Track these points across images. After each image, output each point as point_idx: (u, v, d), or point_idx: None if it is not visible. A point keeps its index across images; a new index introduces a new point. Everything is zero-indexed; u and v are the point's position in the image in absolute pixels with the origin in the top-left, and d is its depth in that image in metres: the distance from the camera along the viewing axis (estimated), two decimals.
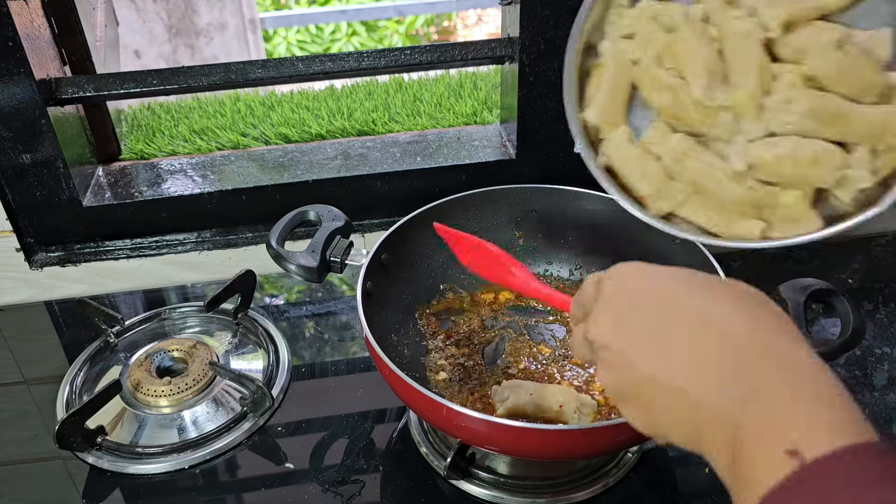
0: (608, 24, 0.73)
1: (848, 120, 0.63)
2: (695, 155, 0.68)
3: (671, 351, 0.44)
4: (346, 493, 0.80)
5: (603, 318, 0.47)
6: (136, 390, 0.89)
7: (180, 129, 1.19)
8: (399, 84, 1.29)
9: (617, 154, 0.72)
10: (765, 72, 0.65)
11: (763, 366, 0.41)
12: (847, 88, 0.63)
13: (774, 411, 0.40)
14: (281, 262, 0.81)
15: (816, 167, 0.63)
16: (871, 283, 1.07)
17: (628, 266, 0.49)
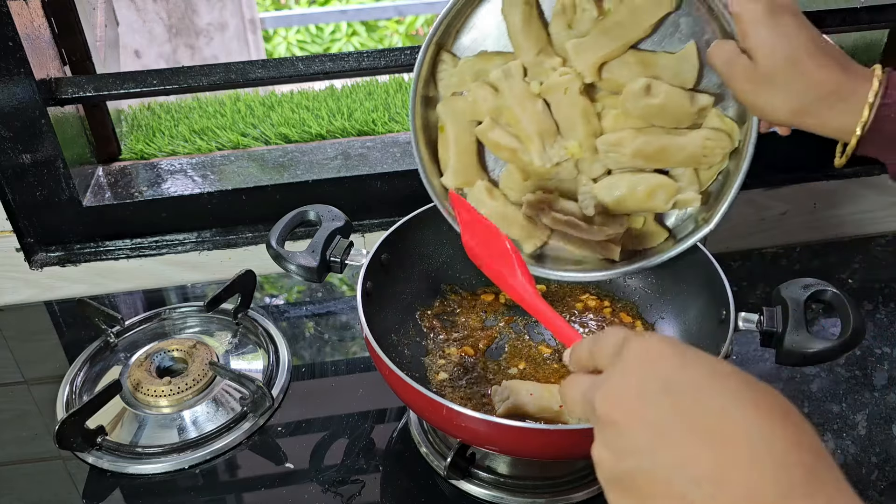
0: (439, 80, 0.80)
1: (670, 153, 0.75)
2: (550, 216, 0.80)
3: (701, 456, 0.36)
4: (346, 493, 0.80)
5: (621, 390, 0.40)
6: (136, 390, 0.89)
7: (180, 129, 1.19)
8: (399, 84, 1.29)
9: (479, 207, 0.80)
10: (590, 117, 0.76)
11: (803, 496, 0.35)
12: (664, 122, 0.74)
13: None
14: (281, 262, 0.81)
15: (652, 199, 0.76)
16: (871, 283, 1.07)
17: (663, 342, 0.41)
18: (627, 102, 0.72)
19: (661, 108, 0.72)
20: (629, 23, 0.71)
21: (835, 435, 0.86)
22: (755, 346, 0.94)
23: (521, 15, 0.74)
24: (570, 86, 0.73)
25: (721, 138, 0.73)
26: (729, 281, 0.78)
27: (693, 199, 0.76)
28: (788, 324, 0.72)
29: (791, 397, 0.92)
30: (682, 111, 0.73)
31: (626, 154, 0.74)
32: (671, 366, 0.40)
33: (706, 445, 0.36)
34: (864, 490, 0.80)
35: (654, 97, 0.71)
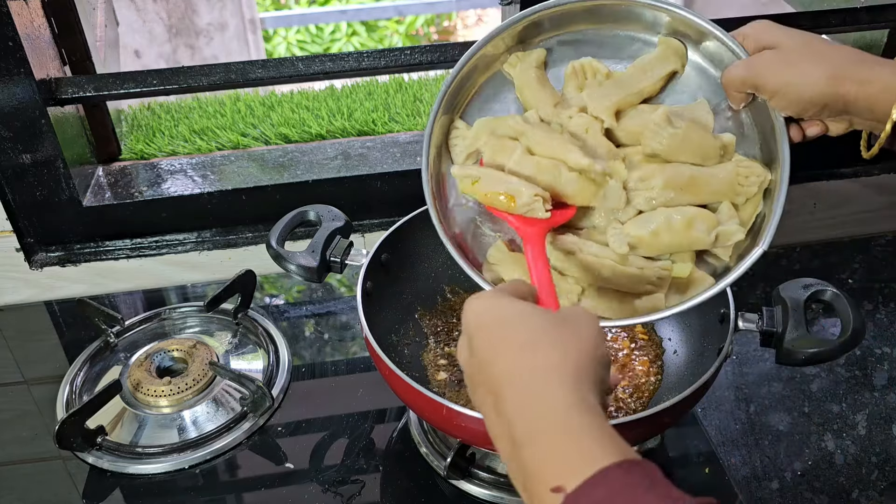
0: (452, 147, 0.76)
1: (701, 183, 0.69)
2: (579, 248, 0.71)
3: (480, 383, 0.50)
4: (346, 493, 0.80)
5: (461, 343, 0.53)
6: (136, 390, 0.89)
7: (180, 129, 1.19)
8: (399, 84, 1.29)
9: (503, 267, 0.74)
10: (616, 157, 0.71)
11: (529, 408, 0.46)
12: (690, 157, 0.69)
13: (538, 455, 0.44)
14: (281, 262, 0.81)
15: (692, 231, 0.68)
16: (871, 283, 1.07)
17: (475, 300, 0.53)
18: (649, 134, 0.69)
19: (684, 141, 0.68)
20: (639, 76, 0.72)
21: (835, 435, 0.86)
22: (755, 346, 0.94)
23: (535, 76, 0.74)
24: (591, 126, 0.71)
25: (754, 166, 0.69)
26: None
27: (736, 230, 0.68)
28: (788, 324, 0.72)
29: (791, 397, 0.93)
30: (707, 145, 0.69)
31: (656, 187, 0.68)
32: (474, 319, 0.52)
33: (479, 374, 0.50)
34: (864, 490, 0.80)
35: (676, 126, 0.68)
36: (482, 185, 0.70)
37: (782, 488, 0.80)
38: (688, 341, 0.86)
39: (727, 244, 0.69)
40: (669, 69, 0.72)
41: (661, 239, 0.69)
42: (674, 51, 0.72)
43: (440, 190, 0.76)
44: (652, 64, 0.72)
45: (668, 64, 0.72)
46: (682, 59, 0.72)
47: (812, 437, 0.85)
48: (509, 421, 0.46)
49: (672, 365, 0.86)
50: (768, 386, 0.92)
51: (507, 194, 0.68)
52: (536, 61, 0.75)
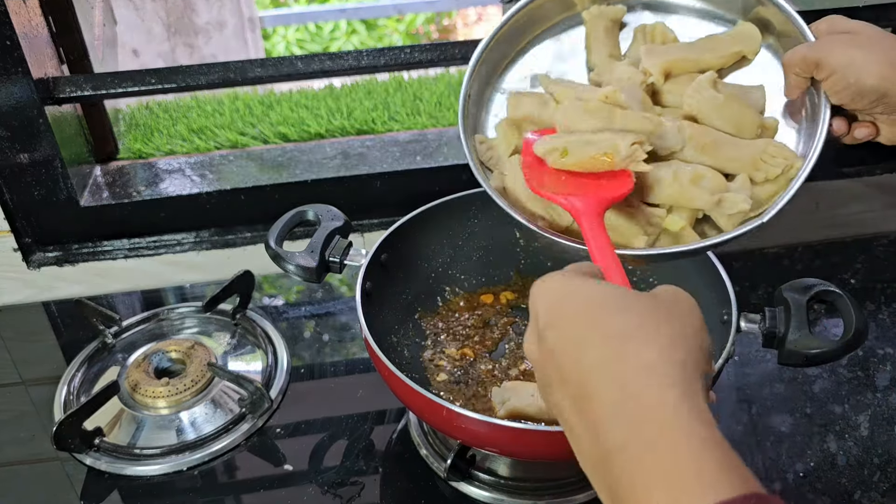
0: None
1: (725, 150, 0.68)
2: None
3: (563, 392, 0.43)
4: (346, 494, 0.80)
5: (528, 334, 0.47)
6: (134, 391, 0.88)
7: (178, 128, 1.19)
8: (399, 83, 1.29)
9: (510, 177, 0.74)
10: (647, 109, 0.71)
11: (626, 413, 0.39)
12: (724, 124, 0.69)
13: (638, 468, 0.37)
14: (280, 263, 0.81)
15: (696, 188, 0.67)
16: (874, 283, 1.07)
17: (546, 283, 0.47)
18: (690, 91, 0.68)
19: (722, 108, 0.68)
20: (706, 48, 0.72)
21: (837, 436, 0.85)
22: (757, 347, 0.94)
23: (603, 26, 0.76)
24: (633, 76, 0.71)
25: (784, 149, 0.67)
26: (731, 281, 0.78)
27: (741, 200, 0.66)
28: (790, 324, 0.72)
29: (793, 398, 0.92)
30: (746, 118, 0.68)
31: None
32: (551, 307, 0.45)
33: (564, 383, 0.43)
34: (866, 491, 0.79)
35: (718, 92, 0.68)
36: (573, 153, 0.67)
37: (784, 490, 0.80)
38: None
39: (730, 212, 0.67)
40: (737, 49, 0.71)
41: (663, 187, 0.67)
42: (748, 34, 0.71)
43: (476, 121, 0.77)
44: (721, 40, 0.72)
45: (737, 45, 0.71)
46: (754, 45, 0.72)
47: (814, 439, 0.85)
48: (597, 426, 0.40)
49: None
50: (770, 387, 0.91)
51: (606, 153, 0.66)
52: (613, 15, 0.76)
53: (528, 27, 0.78)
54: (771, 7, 0.69)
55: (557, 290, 0.45)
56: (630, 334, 0.41)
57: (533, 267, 0.97)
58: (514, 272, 0.97)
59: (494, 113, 0.78)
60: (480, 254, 0.96)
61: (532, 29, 0.78)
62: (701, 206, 0.68)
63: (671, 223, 0.69)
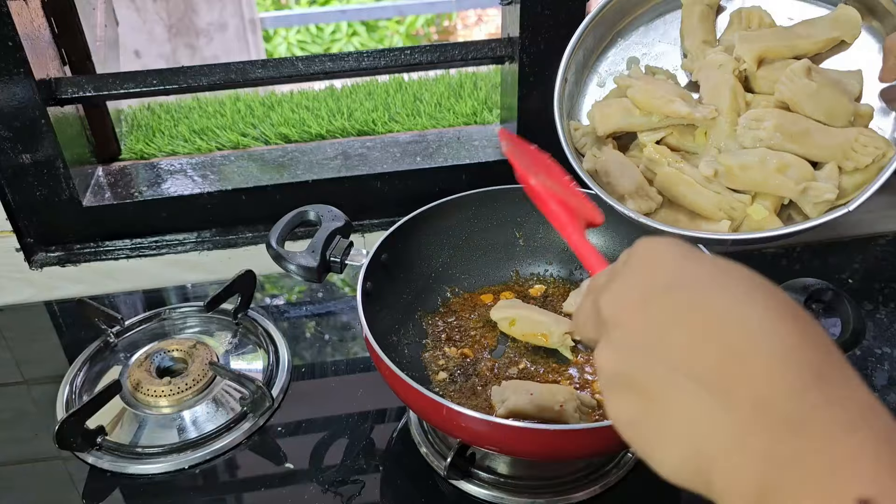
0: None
1: (815, 138, 0.67)
2: (666, 160, 0.72)
3: (706, 352, 0.34)
4: (346, 493, 0.80)
5: (626, 291, 0.39)
6: (135, 390, 0.89)
7: (180, 129, 1.19)
8: (399, 84, 1.29)
9: (602, 160, 0.75)
10: (738, 95, 0.71)
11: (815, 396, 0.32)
12: (816, 112, 0.68)
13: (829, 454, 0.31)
14: (281, 263, 0.81)
15: (782, 176, 0.66)
16: (872, 283, 1.07)
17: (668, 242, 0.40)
18: (783, 79, 0.68)
19: (815, 96, 0.66)
20: (802, 34, 0.71)
21: None
22: None
23: (699, 10, 0.76)
24: (726, 63, 0.71)
25: (876, 138, 0.66)
26: None
27: (827, 189, 0.65)
28: None
29: None
30: (839, 106, 0.67)
31: (766, 129, 0.67)
32: (675, 264, 0.38)
33: (709, 342, 0.34)
34: None
35: (811, 80, 0.67)
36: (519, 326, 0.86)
37: None
38: None
39: (816, 200, 0.66)
40: (835, 34, 0.70)
41: (748, 174, 0.67)
42: (847, 19, 0.70)
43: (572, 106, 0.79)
44: (819, 25, 0.71)
45: (834, 29, 0.70)
46: (853, 28, 0.70)
47: None
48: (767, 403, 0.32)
49: None
50: None
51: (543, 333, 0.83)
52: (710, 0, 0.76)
53: (625, 10, 0.78)
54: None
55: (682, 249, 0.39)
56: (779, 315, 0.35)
57: (533, 267, 0.98)
58: (514, 272, 0.98)
59: (592, 96, 0.79)
60: (480, 254, 0.97)
61: (630, 12, 0.79)
62: (786, 195, 0.68)
63: (755, 212, 0.69)
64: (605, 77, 0.80)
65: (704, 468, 0.34)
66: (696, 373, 0.34)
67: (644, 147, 0.75)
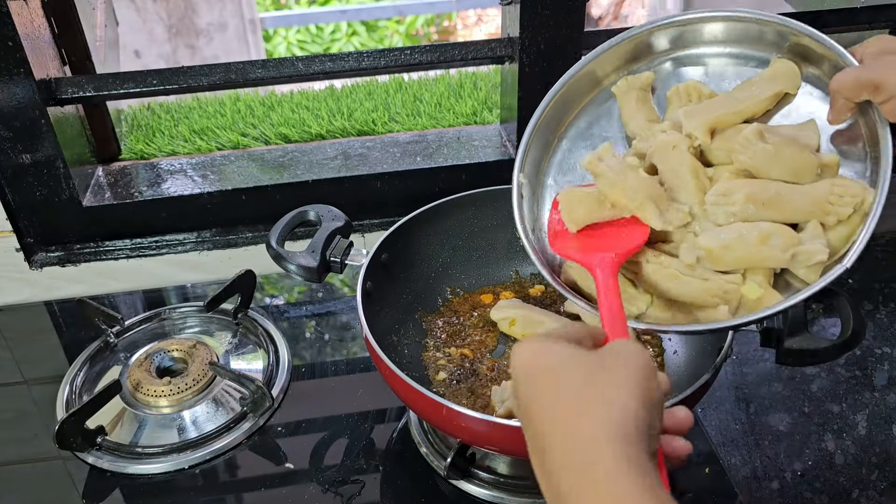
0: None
1: (788, 200, 0.65)
2: (644, 257, 0.70)
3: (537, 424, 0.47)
4: (346, 493, 0.80)
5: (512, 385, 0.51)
6: (136, 390, 0.89)
7: (180, 129, 1.19)
8: (399, 84, 1.29)
9: (577, 269, 0.73)
10: (700, 174, 0.69)
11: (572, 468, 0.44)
12: (782, 174, 0.66)
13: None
14: (281, 263, 0.81)
15: (766, 247, 0.64)
16: (872, 283, 1.07)
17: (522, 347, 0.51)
18: (738, 148, 0.65)
19: (775, 157, 0.65)
20: (745, 96, 0.70)
21: (835, 435, 0.86)
22: (755, 346, 0.94)
23: (635, 95, 0.75)
24: (679, 143, 0.68)
25: (850, 185, 0.64)
26: None
27: (817, 250, 0.63)
28: (788, 323, 0.72)
29: (791, 397, 0.92)
30: (802, 162, 0.65)
31: (737, 202, 0.65)
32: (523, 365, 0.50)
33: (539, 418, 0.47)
34: (864, 490, 0.80)
35: (766, 142, 0.65)
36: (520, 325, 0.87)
37: (782, 488, 0.80)
38: (688, 341, 0.86)
39: (808, 264, 0.64)
40: (776, 89, 0.69)
41: (732, 253, 0.65)
42: (785, 71, 0.69)
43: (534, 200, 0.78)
44: (758, 84, 0.70)
45: (775, 84, 0.69)
46: (793, 80, 0.69)
47: (812, 438, 0.85)
48: (552, 476, 0.45)
49: (672, 365, 0.86)
50: (768, 386, 0.92)
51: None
52: (641, 84, 0.75)
53: (562, 113, 0.78)
54: (803, 37, 0.67)
55: (529, 350, 0.50)
56: (579, 396, 0.46)
57: (533, 267, 0.98)
58: (514, 272, 0.98)
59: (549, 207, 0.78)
60: (480, 254, 0.97)
61: (567, 113, 0.78)
62: (775, 265, 0.66)
63: (749, 291, 0.67)
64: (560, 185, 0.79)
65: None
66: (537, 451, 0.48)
67: None
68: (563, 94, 0.76)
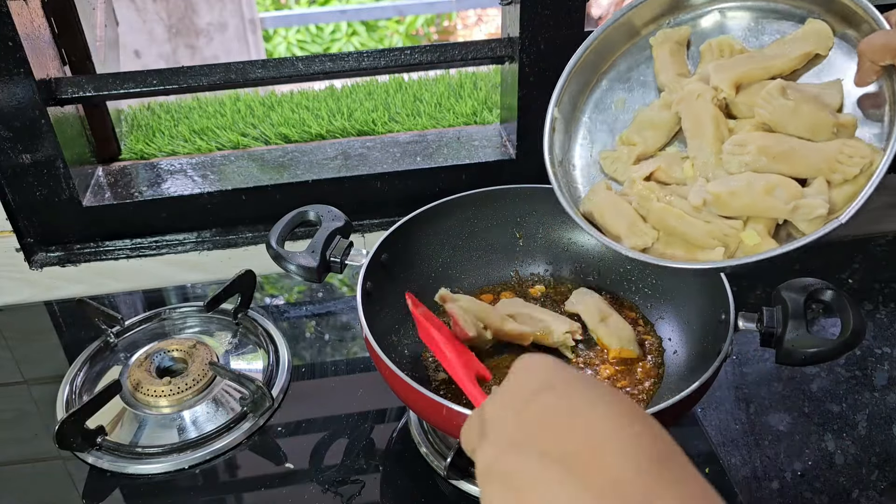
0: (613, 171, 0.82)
1: (800, 155, 0.68)
2: (656, 195, 0.74)
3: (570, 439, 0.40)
4: (346, 493, 0.80)
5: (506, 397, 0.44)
6: (135, 390, 0.89)
7: (180, 129, 1.19)
8: (399, 84, 1.29)
9: (595, 201, 0.78)
10: (720, 124, 0.73)
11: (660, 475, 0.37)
12: (798, 130, 0.68)
13: None
14: (281, 263, 0.81)
15: (771, 198, 0.67)
16: (871, 283, 1.07)
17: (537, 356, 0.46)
18: (760, 102, 0.68)
19: (794, 113, 0.67)
20: (775, 54, 0.72)
21: (835, 435, 0.86)
22: (755, 346, 0.94)
23: (668, 48, 0.78)
24: (704, 93, 0.72)
25: (861, 146, 0.66)
26: (729, 281, 0.78)
27: (818, 205, 0.65)
28: (788, 324, 0.72)
29: (791, 397, 0.92)
30: (819, 121, 0.67)
31: (750, 152, 0.68)
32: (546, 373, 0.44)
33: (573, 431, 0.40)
34: (864, 490, 0.80)
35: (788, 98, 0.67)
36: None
37: (782, 488, 0.80)
38: (688, 341, 0.86)
39: (809, 217, 0.67)
40: (806, 49, 0.71)
41: (737, 199, 0.69)
42: (817, 32, 0.71)
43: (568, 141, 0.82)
44: (790, 43, 0.72)
45: (806, 44, 0.71)
46: (825, 41, 0.71)
47: (812, 437, 0.85)
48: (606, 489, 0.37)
49: (672, 365, 0.86)
50: (768, 386, 0.92)
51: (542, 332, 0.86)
52: (678, 37, 0.77)
53: (604, 54, 0.81)
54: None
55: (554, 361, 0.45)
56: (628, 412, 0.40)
57: (533, 267, 0.98)
58: (514, 272, 0.98)
59: (581, 142, 0.83)
60: (480, 254, 0.97)
61: (605, 58, 0.82)
62: (776, 216, 0.68)
63: (748, 237, 0.70)
64: (594, 122, 0.83)
65: None
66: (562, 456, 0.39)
67: (634, 183, 0.77)
68: (602, 39, 0.80)
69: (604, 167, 0.81)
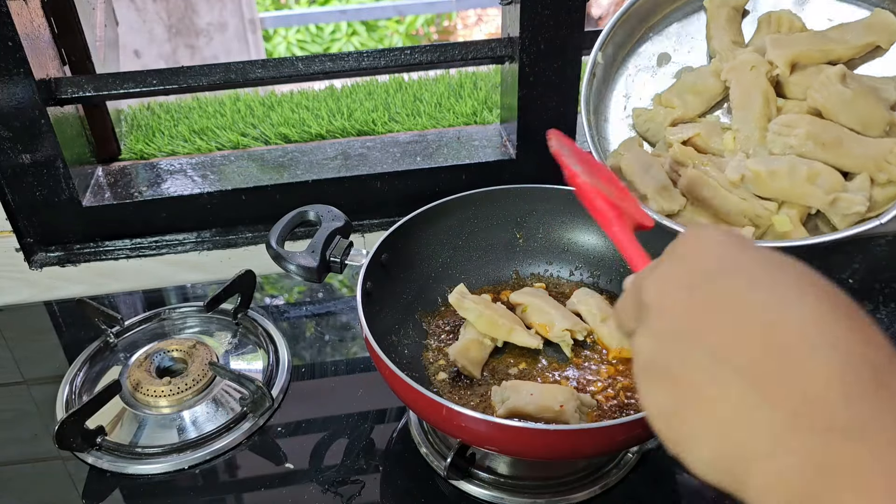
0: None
1: (848, 147, 0.65)
2: (692, 161, 0.71)
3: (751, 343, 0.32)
4: (346, 493, 0.80)
5: (670, 277, 0.37)
6: (135, 390, 0.89)
7: (180, 129, 1.19)
8: (399, 84, 1.29)
9: (626, 156, 0.75)
10: (770, 100, 0.68)
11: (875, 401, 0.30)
12: (850, 120, 0.66)
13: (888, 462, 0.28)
14: (281, 263, 0.81)
15: (812, 185, 0.65)
16: (872, 283, 1.07)
17: (718, 231, 0.38)
18: (816, 85, 0.66)
19: (850, 104, 0.65)
20: (836, 38, 0.70)
21: None
22: None
23: (726, 14, 0.75)
24: (759, 65, 0.69)
25: None
26: None
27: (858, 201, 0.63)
28: None
29: None
30: (874, 115, 0.65)
31: (798, 136, 0.65)
32: (724, 252, 0.37)
33: (755, 333, 0.32)
34: None
35: (846, 87, 0.65)
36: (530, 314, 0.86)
37: None
38: None
39: (846, 212, 0.65)
40: (869, 40, 0.69)
41: (777, 181, 0.66)
42: (883, 23, 0.69)
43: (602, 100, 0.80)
44: (853, 30, 0.70)
45: (870, 35, 0.69)
46: (889, 35, 0.69)
47: None
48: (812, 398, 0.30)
49: None
50: None
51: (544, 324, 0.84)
52: (735, 3, 0.75)
53: (652, 9, 0.79)
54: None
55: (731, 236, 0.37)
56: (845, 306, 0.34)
57: (533, 267, 0.98)
58: (514, 272, 0.98)
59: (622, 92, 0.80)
60: (480, 254, 0.97)
61: (657, 11, 0.79)
62: (814, 205, 0.66)
63: (780, 223, 0.67)
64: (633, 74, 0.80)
65: (739, 467, 0.33)
66: (739, 364, 0.32)
67: (670, 146, 0.74)
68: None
69: (636, 124, 0.78)
